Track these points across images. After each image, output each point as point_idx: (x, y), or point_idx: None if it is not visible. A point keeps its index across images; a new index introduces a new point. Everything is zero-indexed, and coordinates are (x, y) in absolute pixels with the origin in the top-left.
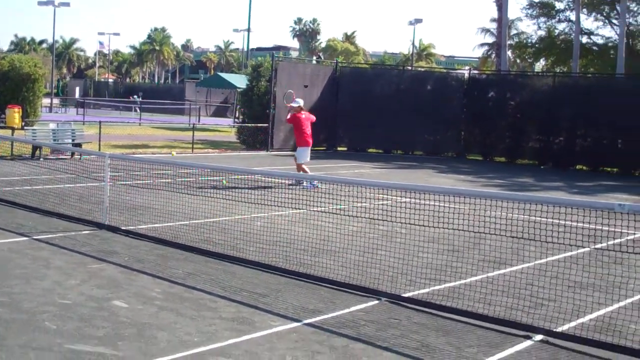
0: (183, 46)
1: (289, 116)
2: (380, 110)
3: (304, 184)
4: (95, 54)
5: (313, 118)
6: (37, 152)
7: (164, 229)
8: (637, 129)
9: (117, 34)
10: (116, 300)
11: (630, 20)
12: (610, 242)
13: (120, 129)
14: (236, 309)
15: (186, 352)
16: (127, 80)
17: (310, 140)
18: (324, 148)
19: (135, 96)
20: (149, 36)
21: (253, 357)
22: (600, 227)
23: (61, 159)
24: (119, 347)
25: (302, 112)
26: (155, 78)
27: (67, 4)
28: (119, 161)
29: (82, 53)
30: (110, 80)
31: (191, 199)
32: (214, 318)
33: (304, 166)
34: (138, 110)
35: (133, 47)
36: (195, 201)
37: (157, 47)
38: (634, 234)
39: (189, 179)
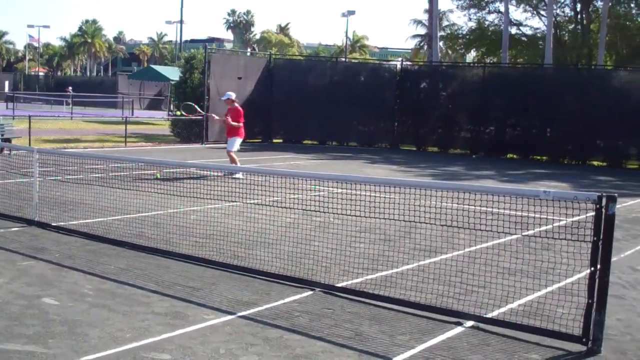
0: (115, 38)
1: (230, 119)
2: (315, 101)
3: (239, 175)
4: (25, 47)
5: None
6: None
7: (95, 224)
8: (565, 119)
9: (47, 27)
10: (46, 297)
11: (558, 11)
12: (539, 229)
13: (52, 123)
14: (169, 303)
15: (118, 349)
16: (59, 73)
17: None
18: (259, 140)
19: (71, 88)
20: (80, 28)
21: (186, 351)
22: (527, 214)
23: None
24: (49, 345)
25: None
26: (87, 71)
27: None
28: (49, 156)
29: (11, 46)
30: (41, 73)
31: (124, 193)
32: (146, 313)
33: (234, 155)
34: (69, 103)
35: (64, 40)
36: (128, 195)
37: (89, 40)
38: (560, 220)
39: (121, 173)
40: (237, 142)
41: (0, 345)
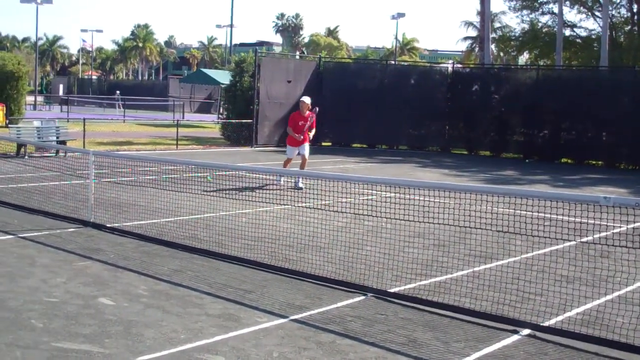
0: (166, 42)
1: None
2: (364, 104)
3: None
4: (78, 51)
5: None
6: (22, 150)
7: (149, 225)
8: (621, 122)
9: (100, 31)
10: (102, 297)
11: (613, 12)
12: (597, 236)
13: (105, 126)
14: (222, 305)
15: (173, 349)
16: (111, 77)
17: None
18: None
19: (118, 92)
20: (132, 32)
21: (240, 354)
22: (586, 221)
23: (46, 156)
24: (105, 345)
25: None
26: (138, 75)
27: (50, 2)
28: (103, 158)
29: (65, 50)
30: (94, 77)
31: (176, 195)
32: (200, 315)
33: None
34: (120, 107)
35: (116, 43)
36: (180, 197)
37: (140, 44)
38: (620, 226)
39: (173, 176)
40: None
41: (58, 343)
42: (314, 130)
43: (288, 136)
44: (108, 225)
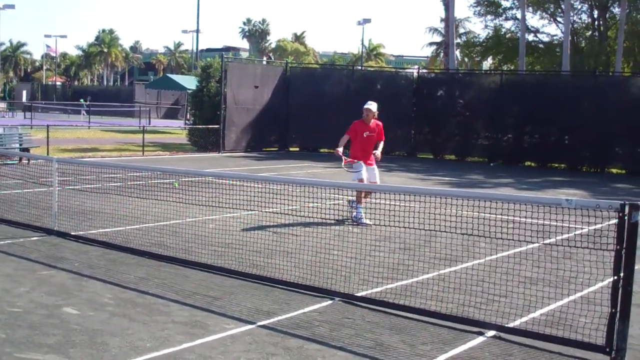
0: (132, 48)
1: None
2: (331, 110)
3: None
4: (42, 57)
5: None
6: None
7: (114, 233)
8: (583, 126)
9: (65, 37)
10: (67, 307)
11: (575, 18)
12: (559, 237)
13: (69, 133)
14: (189, 312)
15: (139, 358)
16: (76, 82)
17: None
18: (276, 148)
19: (82, 100)
20: (97, 38)
21: None
22: (549, 223)
23: (8, 164)
24: (70, 355)
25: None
26: (104, 80)
27: (12, 7)
28: (67, 165)
29: (28, 56)
30: (58, 83)
31: (142, 202)
32: (166, 322)
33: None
34: (85, 114)
35: (81, 49)
36: (146, 204)
37: (105, 49)
38: (582, 228)
39: (139, 182)
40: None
41: (22, 354)
42: (382, 144)
43: (350, 149)
44: (72, 233)
